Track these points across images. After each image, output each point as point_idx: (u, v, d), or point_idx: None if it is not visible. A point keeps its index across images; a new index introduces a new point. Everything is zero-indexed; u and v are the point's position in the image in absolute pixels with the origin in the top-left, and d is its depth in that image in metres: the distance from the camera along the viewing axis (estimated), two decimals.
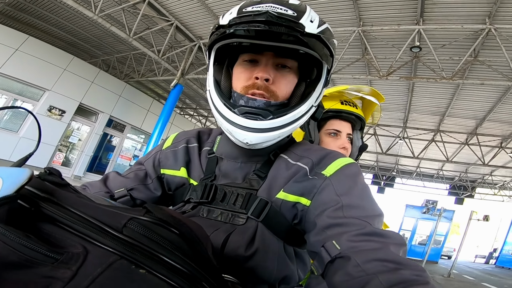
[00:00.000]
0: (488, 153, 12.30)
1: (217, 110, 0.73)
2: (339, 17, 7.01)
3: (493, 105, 9.18)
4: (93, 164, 12.01)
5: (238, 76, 0.75)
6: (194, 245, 0.41)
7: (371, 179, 20.62)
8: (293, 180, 0.71)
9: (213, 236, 0.66)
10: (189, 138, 0.87)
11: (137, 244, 0.36)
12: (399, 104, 10.53)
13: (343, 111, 1.26)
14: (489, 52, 6.97)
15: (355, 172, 0.71)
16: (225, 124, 0.71)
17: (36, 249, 0.32)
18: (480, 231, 33.59)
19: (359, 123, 1.32)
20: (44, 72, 9.73)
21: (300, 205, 0.69)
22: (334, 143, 1.26)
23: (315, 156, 0.74)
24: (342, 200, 0.62)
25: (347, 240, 0.55)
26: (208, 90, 0.77)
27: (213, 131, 0.91)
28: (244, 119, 0.69)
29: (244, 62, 0.76)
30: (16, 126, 9.43)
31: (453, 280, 10.70)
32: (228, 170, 0.78)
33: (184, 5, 7.96)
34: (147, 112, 13.23)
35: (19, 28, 10.57)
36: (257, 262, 0.66)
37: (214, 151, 0.82)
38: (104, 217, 0.38)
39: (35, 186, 0.39)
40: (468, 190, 18.73)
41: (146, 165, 0.86)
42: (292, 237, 0.72)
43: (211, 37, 0.74)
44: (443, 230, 17.52)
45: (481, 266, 22.06)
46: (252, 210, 0.70)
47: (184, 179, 0.81)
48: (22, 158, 0.47)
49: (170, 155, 0.85)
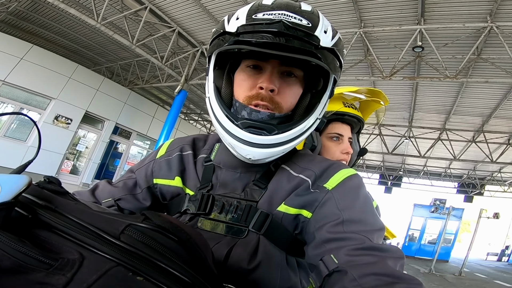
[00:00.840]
0: (496, 150, 12.13)
1: (218, 121, 0.69)
2: (340, 19, 7.00)
3: (499, 102, 9.06)
4: (100, 172, 12.09)
5: (241, 83, 0.71)
6: (193, 252, 0.40)
7: (378, 179, 20.45)
8: (295, 193, 0.69)
9: (215, 249, 0.64)
10: (183, 146, 0.84)
11: (134, 251, 0.36)
12: (404, 103, 10.45)
13: (347, 113, 1.20)
14: (492, 49, 6.90)
15: (357, 184, 0.69)
16: (227, 138, 0.68)
17: (30, 254, 0.31)
18: (491, 229, 33.12)
19: (358, 126, 1.27)
20: (49, 81, 9.84)
21: (301, 217, 0.68)
22: (336, 148, 1.19)
23: (318, 169, 0.71)
24: (343, 214, 0.61)
25: (345, 254, 0.54)
26: (208, 97, 0.72)
27: (209, 138, 0.87)
28: (248, 133, 0.65)
29: (247, 68, 0.71)
30: (24, 136, 9.54)
31: (464, 278, 10.55)
32: (227, 179, 0.74)
33: (186, 11, 8.01)
34: (152, 119, 13.30)
35: (23, 37, 10.71)
36: (260, 275, 0.65)
37: (212, 159, 0.79)
38: (101, 224, 0.38)
39: (33, 194, 0.39)
40: (477, 187, 18.45)
41: (137, 174, 0.83)
42: (294, 248, 0.70)
43: (213, 42, 0.69)
44: (452, 229, 17.31)
45: (493, 264, 21.73)
46: (253, 223, 0.67)
47: (179, 189, 0.78)
48: (22, 165, 0.47)
49: (164, 164, 0.81)
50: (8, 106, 9.46)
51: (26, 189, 0.36)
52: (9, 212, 0.35)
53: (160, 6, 8.03)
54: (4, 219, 0.34)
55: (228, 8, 7.40)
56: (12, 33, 10.38)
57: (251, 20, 0.62)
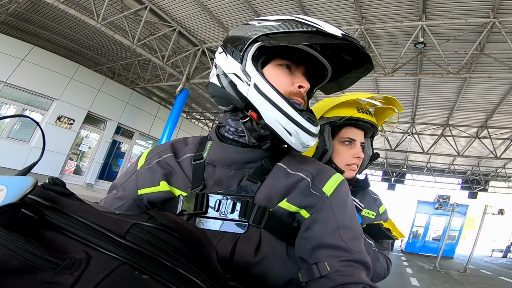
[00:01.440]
0: (500, 145, 12.09)
1: (280, 110, 0.70)
2: (341, 16, 6.99)
3: (502, 97, 9.03)
4: (104, 172, 12.17)
5: (278, 79, 0.75)
6: (197, 250, 0.40)
7: (381, 176, 20.42)
8: (298, 191, 0.73)
9: (220, 245, 0.66)
10: (161, 151, 0.83)
11: (140, 250, 0.36)
12: (406, 99, 10.42)
13: (360, 119, 1.22)
14: (495, 45, 6.87)
15: (346, 191, 0.77)
16: (292, 125, 0.70)
17: (38, 254, 0.32)
18: (497, 225, 33.02)
19: (372, 131, 1.29)
20: (51, 82, 9.89)
21: (299, 215, 0.72)
22: (348, 152, 1.21)
23: (313, 169, 0.77)
24: (338, 221, 0.71)
25: (336, 263, 0.66)
26: (254, 84, 0.72)
27: (190, 140, 0.87)
28: (308, 123, 0.71)
29: (281, 66, 0.77)
30: (27, 136, 9.60)
31: (469, 275, 10.51)
32: (221, 177, 0.76)
33: (186, 10, 8.02)
34: (154, 118, 13.34)
35: (24, 38, 10.75)
36: (265, 267, 0.67)
37: (204, 157, 0.79)
38: (107, 223, 0.38)
39: (38, 195, 0.39)
40: (481, 184, 18.40)
41: (121, 189, 0.82)
42: (294, 239, 0.73)
43: (291, 35, 0.71)
44: (457, 225, 17.26)
45: (498, 260, 21.68)
46: (252, 217, 0.70)
47: (168, 192, 0.77)
48: (27, 167, 0.47)
49: (146, 172, 0.80)
50: (10, 107, 9.52)
51: (32, 191, 0.37)
52: (16, 213, 0.35)
53: (160, 6, 8.04)
54: (11, 220, 0.34)
55: (229, 6, 7.41)
56: (12, 34, 10.43)
57: (343, 35, 0.70)
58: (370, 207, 1.32)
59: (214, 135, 0.81)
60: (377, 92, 10.08)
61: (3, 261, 0.31)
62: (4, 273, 0.30)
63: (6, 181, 0.37)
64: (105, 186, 12.07)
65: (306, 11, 7.01)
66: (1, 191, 0.36)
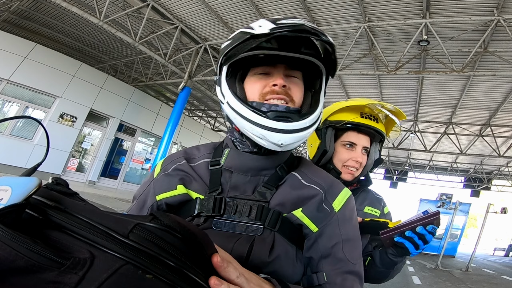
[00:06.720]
0: (503, 144, 12.02)
1: (245, 118, 0.74)
2: (344, 14, 6.95)
3: (506, 95, 8.96)
4: (106, 169, 12.22)
5: (253, 86, 0.79)
6: (197, 250, 0.41)
7: (383, 174, 20.36)
8: (312, 205, 0.77)
9: (238, 245, 0.70)
10: (176, 158, 0.88)
11: (143, 249, 0.36)
12: (409, 97, 10.38)
13: (361, 124, 1.26)
14: (499, 43, 6.81)
15: (352, 206, 0.83)
16: (257, 130, 0.73)
17: (43, 254, 0.32)
18: (499, 224, 32.92)
19: (379, 137, 1.32)
20: (53, 79, 9.92)
21: (307, 227, 0.76)
22: (348, 155, 1.27)
23: (325, 183, 0.81)
24: (342, 236, 0.76)
25: (334, 275, 0.72)
26: (227, 102, 0.78)
27: (201, 147, 0.92)
28: (277, 122, 0.72)
29: (256, 75, 0.79)
30: (30, 134, 9.64)
31: (471, 274, 10.50)
32: (238, 183, 0.80)
33: (188, 8, 8.00)
34: (156, 115, 13.37)
35: (26, 36, 10.77)
36: (278, 266, 0.71)
37: (222, 163, 0.83)
38: (111, 223, 0.38)
39: (42, 195, 0.40)
40: (484, 182, 18.31)
41: (141, 198, 0.86)
42: (303, 243, 0.78)
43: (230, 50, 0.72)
44: (459, 224, 17.20)
45: (500, 259, 21.59)
46: (268, 221, 0.74)
47: (185, 195, 0.81)
48: (31, 167, 0.48)
49: (162, 179, 0.85)
50: (13, 105, 9.56)
51: (36, 191, 0.37)
52: (21, 213, 0.35)
53: (162, 3, 8.03)
54: (16, 220, 0.34)
55: (230, 4, 7.38)
56: (15, 32, 10.44)
57: (279, 24, 0.68)
58: (373, 204, 1.36)
59: (231, 143, 0.85)
60: (379, 90, 10.05)
61: (9, 260, 0.31)
62: (9, 273, 0.30)
63: (11, 182, 0.38)
64: (108, 184, 12.11)
65: (309, 9, 6.98)
66: (6, 191, 0.37)
